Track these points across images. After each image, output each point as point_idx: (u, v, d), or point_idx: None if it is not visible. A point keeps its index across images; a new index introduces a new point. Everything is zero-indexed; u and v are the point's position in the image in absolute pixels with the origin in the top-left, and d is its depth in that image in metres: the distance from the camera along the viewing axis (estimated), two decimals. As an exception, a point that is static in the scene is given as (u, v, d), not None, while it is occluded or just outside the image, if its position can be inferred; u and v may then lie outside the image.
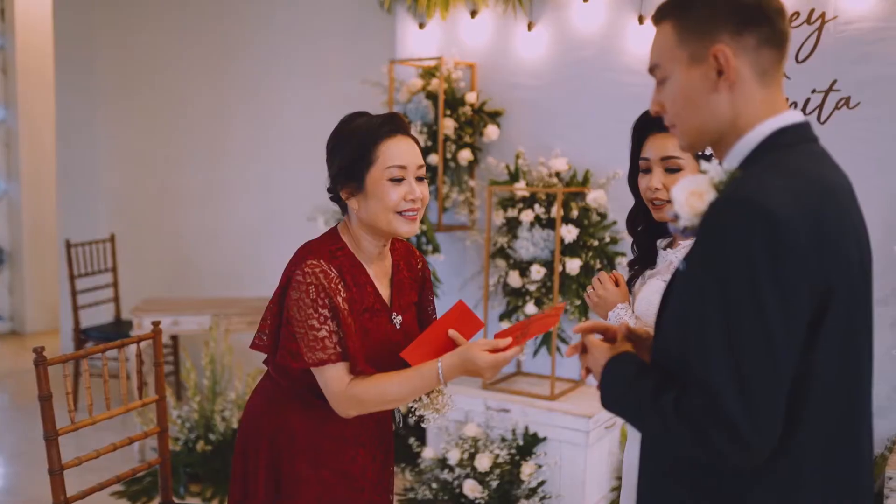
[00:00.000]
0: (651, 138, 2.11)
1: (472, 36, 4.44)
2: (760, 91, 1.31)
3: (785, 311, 1.17)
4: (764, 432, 1.17)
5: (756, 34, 1.29)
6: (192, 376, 4.25)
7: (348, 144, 1.92)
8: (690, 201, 1.27)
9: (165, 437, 2.71)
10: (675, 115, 1.36)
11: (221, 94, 5.75)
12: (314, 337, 1.85)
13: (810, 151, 1.32)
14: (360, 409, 1.90)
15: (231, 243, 5.81)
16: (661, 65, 1.35)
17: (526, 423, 3.91)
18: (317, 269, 1.87)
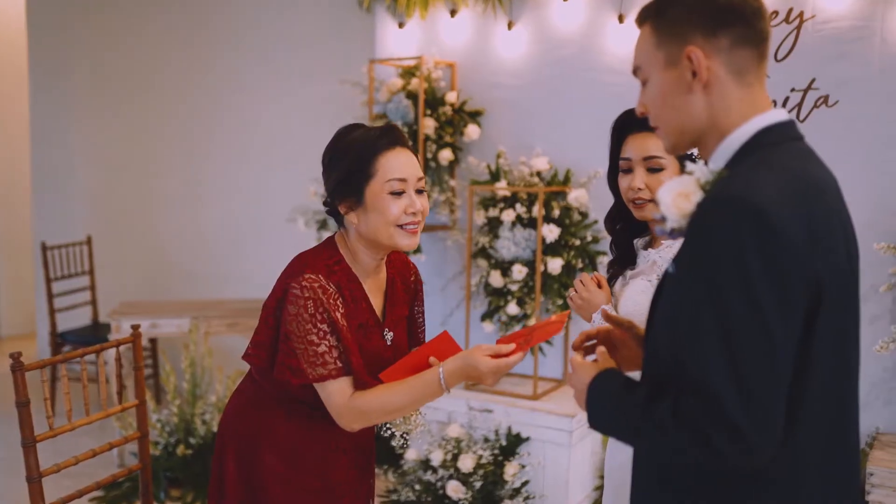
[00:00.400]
0: (631, 138, 2.11)
1: (451, 35, 4.42)
2: (738, 90, 1.31)
3: (780, 308, 1.16)
4: (766, 432, 1.16)
5: (729, 35, 1.29)
6: (172, 380, 4.20)
7: (346, 158, 1.89)
8: (677, 202, 1.26)
9: (146, 442, 2.67)
10: (656, 117, 1.38)
11: (200, 95, 5.70)
12: (314, 352, 1.82)
13: (796, 149, 1.32)
14: (364, 421, 1.87)
15: (210, 245, 5.76)
16: (643, 67, 1.38)
17: (509, 424, 3.90)
18: (315, 283, 1.83)
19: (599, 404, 1.37)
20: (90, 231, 5.99)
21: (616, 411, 1.33)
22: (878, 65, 3.45)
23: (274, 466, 1.97)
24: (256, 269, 5.53)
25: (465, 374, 1.83)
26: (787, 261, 1.17)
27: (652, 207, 2.07)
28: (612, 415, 1.34)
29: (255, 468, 1.99)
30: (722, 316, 1.16)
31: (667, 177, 2.05)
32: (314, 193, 4.45)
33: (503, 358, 1.81)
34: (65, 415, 2.46)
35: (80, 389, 5.34)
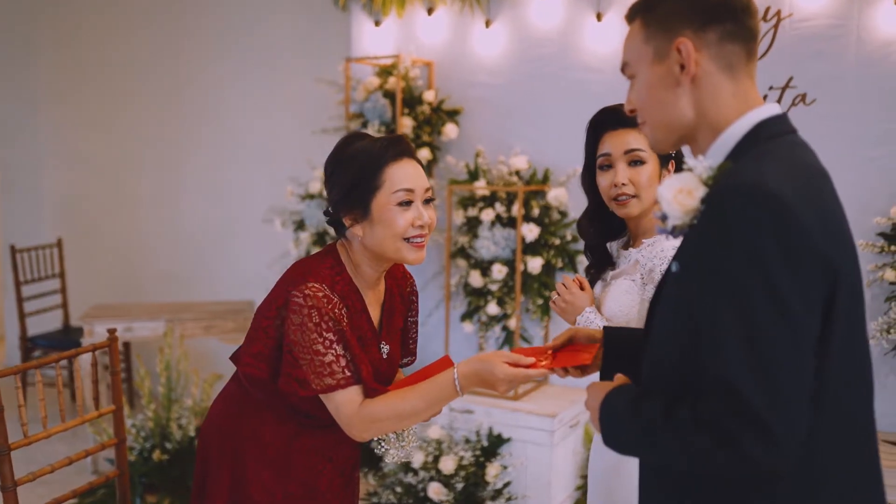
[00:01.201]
0: (609, 135, 2.08)
1: (428, 34, 4.39)
2: (729, 85, 1.31)
3: (802, 296, 1.14)
4: (794, 426, 1.12)
5: (719, 29, 1.30)
6: (147, 384, 4.13)
7: (351, 168, 1.82)
8: (679, 199, 1.24)
9: (123, 448, 2.61)
10: (643, 112, 1.38)
11: (173, 94, 5.62)
12: (321, 363, 1.76)
13: (794, 142, 1.32)
14: (375, 430, 1.80)
15: (184, 247, 5.68)
16: (630, 62, 1.38)
17: (490, 424, 3.88)
18: (318, 292, 1.78)
19: (612, 422, 1.33)
20: (60, 233, 5.88)
21: (631, 427, 1.28)
22: (854, 63, 3.47)
23: (259, 474, 1.93)
24: (232, 270, 5.46)
25: (480, 377, 1.75)
26: (806, 247, 1.14)
27: (636, 203, 2.05)
28: (627, 431, 1.30)
29: (240, 475, 1.95)
30: (741, 307, 1.13)
31: (648, 171, 2.03)
32: (291, 193, 4.40)
33: (522, 368, 1.72)
34: (39, 421, 2.40)
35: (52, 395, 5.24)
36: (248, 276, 5.27)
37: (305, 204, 4.34)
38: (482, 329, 4.19)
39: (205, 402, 4.18)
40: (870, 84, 3.44)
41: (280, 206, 4.66)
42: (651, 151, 2.03)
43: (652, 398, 1.27)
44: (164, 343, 4.24)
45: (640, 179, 2.03)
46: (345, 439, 1.97)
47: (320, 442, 1.95)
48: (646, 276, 2.02)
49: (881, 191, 3.39)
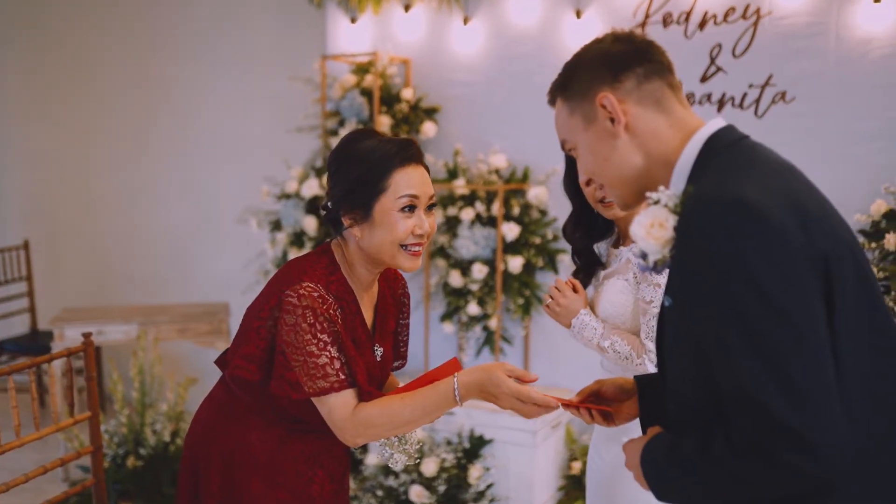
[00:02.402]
0: None
1: (405, 31, 4.34)
2: (664, 118, 1.33)
3: (796, 295, 1.12)
4: (828, 429, 1.09)
5: (632, 75, 1.33)
6: (120, 388, 4.03)
7: (358, 167, 1.77)
8: (653, 233, 1.24)
9: (100, 455, 2.53)
10: (597, 176, 1.40)
11: (143, 91, 5.50)
12: (314, 364, 1.71)
13: (748, 145, 1.32)
14: (368, 435, 1.74)
15: (157, 248, 5.57)
16: (567, 138, 1.42)
17: (471, 426, 3.84)
18: (313, 292, 1.73)
19: (657, 475, 1.30)
20: (27, 235, 5.74)
21: (676, 474, 1.26)
22: (834, 60, 3.47)
23: (249, 482, 1.87)
24: (206, 272, 5.37)
25: (482, 388, 1.69)
26: (786, 245, 1.12)
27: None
28: (675, 479, 1.27)
29: (229, 484, 1.89)
30: (742, 323, 1.11)
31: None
32: (266, 193, 4.32)
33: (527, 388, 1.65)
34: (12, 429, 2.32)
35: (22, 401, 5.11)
36: (223, 277, 5.18)
37: (282, 204, 4.27)
38: (462, 329, 4.15)
39: (179, 407, 4.10)
40: (849, 82, 3.45)
41: (255, 207, 4.58)
42: None
43: (684, 439, 1.24)
44: (138, 346, 4.15)
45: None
46: (335, 444, 1.92)
47: (310, 447, 1.90)
48: (639, 276, 2.01)
49: (861, 188, 3.40)
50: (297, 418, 1.86)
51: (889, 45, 3.37)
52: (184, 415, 4.12)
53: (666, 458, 1.27)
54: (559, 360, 4.13)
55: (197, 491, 1.93)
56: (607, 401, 1.65)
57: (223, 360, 1.96)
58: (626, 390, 1.64)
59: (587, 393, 1.67)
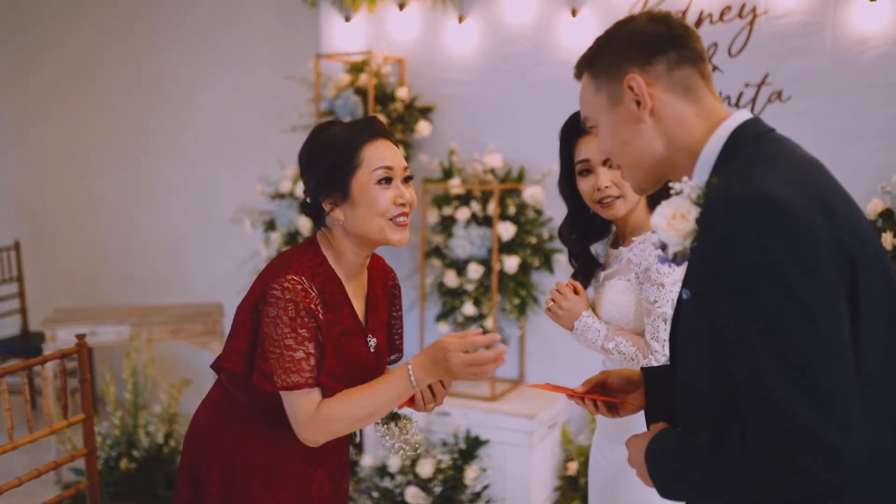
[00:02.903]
0: (583, 139, 2.06)
1: (400, 29, 4.32)
2: (691, 107, 1.31)
3: (824, 297, 1.09)
4: (849, 432, 1.07)
5: (664, 60, 1.30)
6: (112, 390, 4.00)
7: (329, 151, 1.79)
8: (675, 224, 1.22)
9: (93, 458, 2.50)
10: (615, 157, 1.38)
11: (137, 90, 5.46)
12: (290, 358, 1.70)
13: (775, 138, 1.29)
14: (329, 432, 1.75)
15: (150, 248, 5.53)
16: (589, 115, 1.39)
17: (467, 426, 3.83)
18: (297, 285, 1.73)
19: (662, 471, 1.28)
20: (18, 235, 5.69)
21: (683, 472, 1.23)
22: (830, 60, 3.47)
23: (248, 483, 1.85)
24: (200, 272, 5.34)
25: (435, 364, 1.70)
26: (813, 243, 1.10)
27: (621, 203, 2.03)
28: (680, 477, 1.25)
29: (228, 485, 1.87)
30: (764, 321, 1.09)
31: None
32: (260, 193, 4.30)
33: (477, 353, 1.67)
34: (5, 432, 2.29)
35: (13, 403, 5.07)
36: (217, 277, 5.15)
37: (276, 204, 4.24)
38: (458, 330, 4.13)
39: (173, 408, 4.07)
40: (845, 81, 3.45)
41: (249, 207, 4.55)
42: None
43: (696, 436, 1.22)
44: (131, 348, 4.13)
45: (621, 180, 2.00)
46: (333, 443, 1.90)
47: (309, 447, 1.87)
48: (641, 276, 1.99)
49: (857, 187, 3.35)
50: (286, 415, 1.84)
51: (885, 45, 3.36)
52: (177, 416, 4.10)
53: (673, 454, 1.25)
54: (555, 361, 4.12)
55: (197, 493, 1.90)
56: (613, 392, 1.63)
57: (219, 364, 1.94)
58: (632, 382, 1.62)
59: (593, 383, 1.65)
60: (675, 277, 1.93)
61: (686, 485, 1.25)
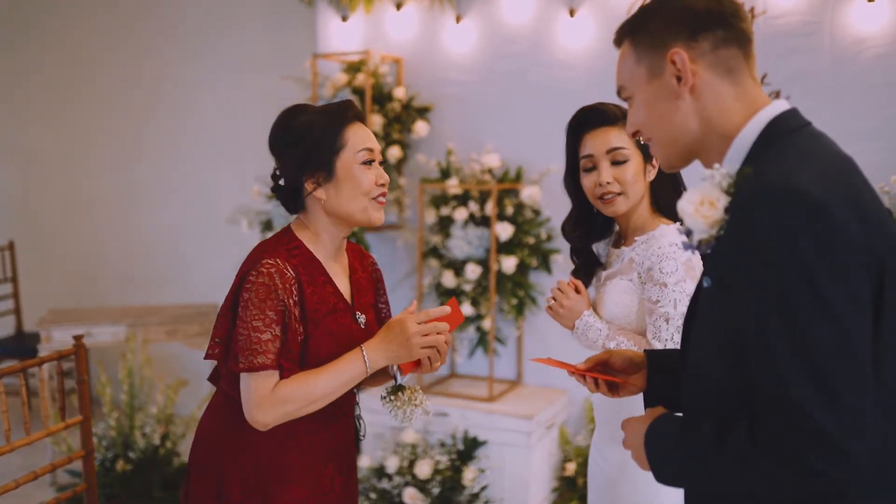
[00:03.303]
0: (589, 135, 2.05)
1: (397, 29, 4.31)
2: (731, 90, 1.27)
3: (849, 297, 1.08)
4: (860, 436, 1.06)
5: (711, 37, 1.26)
6: (108, 391, 3.98)
7: (311, 132, 1.81)
8: (702, 211, 1.19)
9: (91, 460, 2.49)
10: (647, 131, 1.35)
11: (134, 90, 5.44)
12: (256, 339, 1.72)
13: (812, 133, 1.27)
14: (282, 413, 1.75)
15: (145, 248, 5.51)
16: (626, 85, 1.36)
17: (465, 427, 3.81)
18: (272, 268, 1.75)
19: (661, 455, 1.27)
20: (12, 235, 5.65)
21: (683, 458, 1.22)
22: (828, 60, 3.47)
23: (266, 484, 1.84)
24: (196, 272, 5.31)
25: (389, 342, 1.78)
26: (846, 244, 1.08)
27: (622, 201, 2.02)
28: (679, 463, 1.24)
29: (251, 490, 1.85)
30: (788, 318, 1.07)
31: (632, 168, 2.00)
32: (257, 193, 4.28)
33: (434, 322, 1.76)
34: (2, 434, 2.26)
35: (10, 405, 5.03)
36: (214, 278, 5.13)
37: (273, 204, 4.22)
38: (456, 330, 4.12)
39: (169, 410, 4.05)
40: (843, 81, 3.45)
41: (246, 207, 4.53)
42: (633, 146, 2.01)
43: (700, 424, 1.20)
44: (127, 349, 4.10)
45: (624, 177, 2.01)
46: (338, 435, 1.92)
47: (316, 439, 1.88)
48: (644, 275, 1.98)
49: (856, 187, 3.40)
50: None
51: (883, 45, 3.37)
52: (174, 418, 4.07)
53: (674, 440, 1.24)
54: (553, 361, 4.10)
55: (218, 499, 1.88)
56: (615, 372, 1.62)
57: (216, 374, 1.94)
58: (635, 363, 1.60)
59: (595, 361, 1.64)
60: (677, 277, 1.92)
61: (684, 472, 1.24)
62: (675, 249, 1.94)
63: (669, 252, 1.94)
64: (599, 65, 3.86)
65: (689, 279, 1.92)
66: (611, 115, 2.02)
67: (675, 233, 1.98)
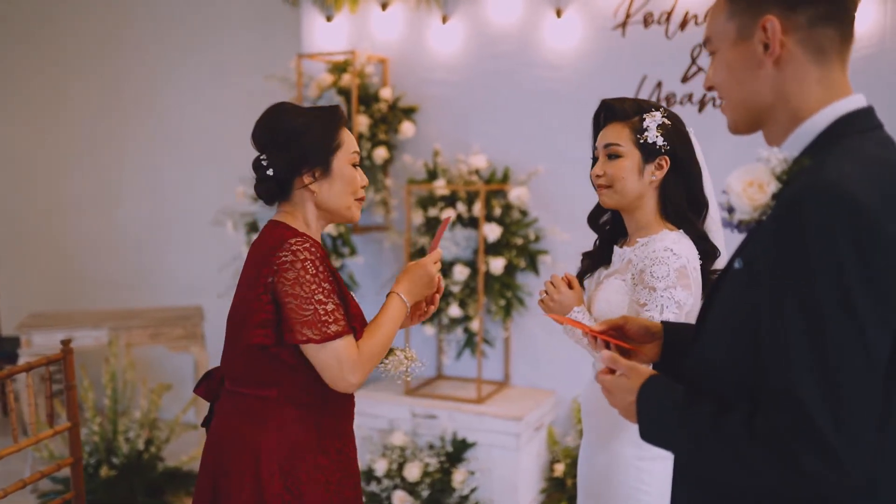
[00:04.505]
0: (608, 128, 2.08)
1: (383, 29, 4.28)
2: (816, 71, 1.22)
3: (878, 311, 1.06)
4: (860, 449, 1.05)
5: (810, 11, 1.21)
6: (91, 396, 3.92)
7: (310, 129, 1.91)
8: (749, 192, 1.16)
9: (79, 467, 2.44)
10: (721, 91, 1.31)
11: (115, 89, 5.37)
12: (324, 311, 1.80)
13: (880, 138, 1.23)
14: (369, 369, 1.87)
15: (127, 251, 5.43)
16: (712, 38, 1.31)
17: (454, 429, 3.79)
18: (305, 243, 1.83)
19: (655, 417, 1.26)
20: (-11, 238, 5.57)
21: (676, 428, 1.22)
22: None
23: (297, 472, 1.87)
24: (180, 274, 5.25)
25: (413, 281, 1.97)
26: (886, 258, 1.07)
27: (609, 193, 2.05)
28: (672, 431, 1.23)
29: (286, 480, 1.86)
30: (813, 321, 1.06)
31: (623, 165, 2.02)
32: (242, 194, 4.23)
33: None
34: (-11, 442, 2.22)
35: (-18, 409, 4.95)
36: (197, 280, 5.07)
37: (259, 205, 4.18)
38: (443, 332, 4.10)
39: (153, 414, 3.99)
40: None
41: (230, 208, 4.48)
42: (632, 145, 2.01)
43: (700, 401, 1.19)
44: (109, 352, 4.05)
45: (613, 172, 2.03)
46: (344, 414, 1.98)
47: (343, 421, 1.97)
48: (636, 277, 1.97)
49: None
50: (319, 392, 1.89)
51: (870, 46, 3.39)
52: (158, 422, 4.02)
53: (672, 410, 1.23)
54: (540, 362, 4.10)
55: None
56: (629, 339, 1.59)
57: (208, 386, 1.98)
58: (651, 332, 1.57)
59: (611, 325, 1.60)
60: (667, 283, 1.91)
61: (673, 441, 1.25)
62: (670, 255, 1.93)
63: (663, 256, 1.93)
64: (586, 65, 3.86)
65: (679, 287, 1.91)
66: (619, 112, 2.05)
67: (674, 239, 1.98)
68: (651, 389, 1.28)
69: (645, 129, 2.00)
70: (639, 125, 2.01)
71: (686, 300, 1.91)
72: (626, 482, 1.98)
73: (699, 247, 2.00)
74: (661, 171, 2.03)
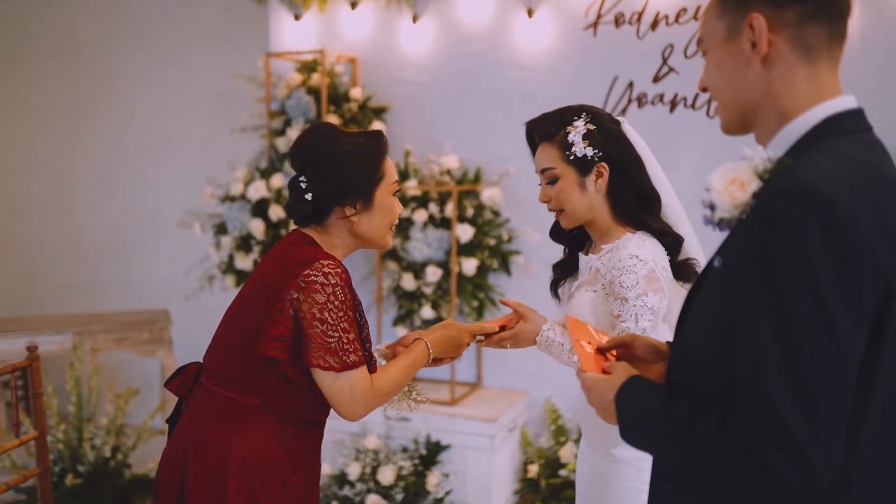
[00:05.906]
0: (537, 152, 2.03)
1: (352, 28, 4.24)
2: (805, 70, 1.21)
3: (850, 312, 1.06)
4: (830, 452, 1.05)
5: (799, 9, 1.20)
6: (55, 403, 3.82)
7: (355, 160, 1.90)
8: (730, 191, 1.15)
9: (47, 477, 2.38)
10: (713, 92, 1.30)
11: (77, 88, 5.25)
12: (347, 339, 1.80)
13: (866, 141, 1.23)
14: (375, 405, 1.87)
15: (91, 253, 5.32)
16: (704, 38, 1.31)
17: (428, 431, 3.77)
18: (336, 268, 1.82)
19: (633, 418, 1.26)
20: (-55, 241, 5.42)
21: (652, 429, 1.21)
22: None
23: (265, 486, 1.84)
24: (145, 277, 5.16)
25: (444, 339, 1.97)
26: (859, 259, 1.07)
27: (564, 217, 2.00)
28: (648, 432, 1.23)
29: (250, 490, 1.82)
30: (784, 319, 1.06)
31: (563, 186, 1.96)
32: (210, 196, 4.16)
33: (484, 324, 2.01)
34: (-48, 453, 2.14)
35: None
36: (164, 283, 4.98)
37: (226, 206, 4.11)
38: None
39: (119, 420, 3.91)
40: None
41: (197, 209, 4.40)
42: (563, 163, 1.96)
43: (674, 400, 1.19)
44: (74, 358, 3.95)
45: (556, 195, 1.98)
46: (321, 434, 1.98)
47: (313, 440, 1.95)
48: (607, 287, 1.93)
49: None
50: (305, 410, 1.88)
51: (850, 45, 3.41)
52: (124, 428, 3.94)
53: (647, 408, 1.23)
54: (511, 365, 4.09)
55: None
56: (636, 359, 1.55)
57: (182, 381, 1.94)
58: (659, 352, 1.54)
59: (618, 342, 1.56)
60: (637, 292, 1.87)
61: (650, 442, 1.25)
62: (636, 262, 1.89)
63: (629, 265, 1.89)
64: (557, 65, 3.86)
65: (650, 292, 1.87)
66: (544, 133, 1.99)
67: (637, 243, 1.93)
68: (630, 390, 1.28)
69: (571, 143, 1.93)
70: (565, 141, 1.94)
71: (660, 304, 1.88)
72: (625, 483, 1.96)
73: (663, 242, 1.95)
74: (604, 178, 1.95)
